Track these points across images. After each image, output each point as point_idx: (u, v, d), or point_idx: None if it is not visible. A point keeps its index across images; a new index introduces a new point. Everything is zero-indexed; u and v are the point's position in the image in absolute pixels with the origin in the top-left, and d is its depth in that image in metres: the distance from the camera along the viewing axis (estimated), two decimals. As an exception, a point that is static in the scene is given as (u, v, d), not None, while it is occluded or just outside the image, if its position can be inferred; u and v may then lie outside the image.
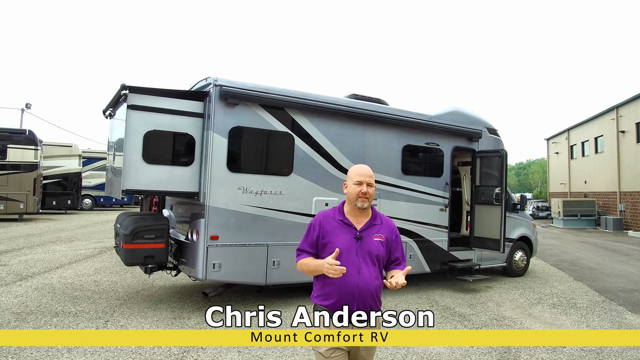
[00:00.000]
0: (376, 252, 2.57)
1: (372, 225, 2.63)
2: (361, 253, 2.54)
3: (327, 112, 6.71)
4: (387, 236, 2.63)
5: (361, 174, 2.62)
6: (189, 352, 4.69)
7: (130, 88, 5.56)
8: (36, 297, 6.58)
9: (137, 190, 5.82)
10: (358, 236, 2.57)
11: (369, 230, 2.61)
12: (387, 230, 2.65)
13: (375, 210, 2.70)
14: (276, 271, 6.26)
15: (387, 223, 2.69)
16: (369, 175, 2.62)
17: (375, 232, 2.60)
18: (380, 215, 2.71)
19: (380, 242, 2.59)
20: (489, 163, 8.49)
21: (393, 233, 2.67)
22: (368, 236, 2.58)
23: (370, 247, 2.56)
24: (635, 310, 7.05)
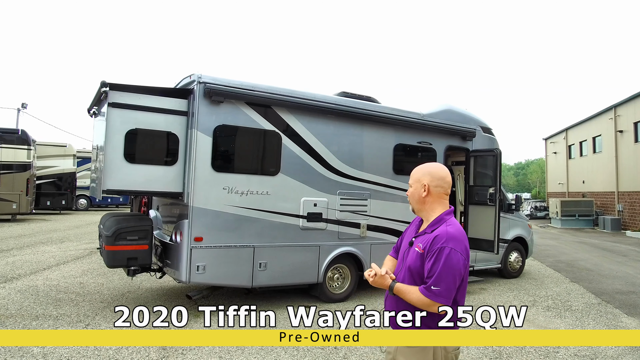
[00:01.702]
0: (410, 264, 2.26)
1: (423, 233, 2.30)
2: (405, 263, 2.34)
3: (315, 110, 6.56)
4: (424, 247, 2.20)
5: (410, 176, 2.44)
6: (168, 357, 4.55)
7: (111, 85, 5.40)
8: (18, 300, 6.43)
9: (118, 190, 5.66)
10: (410, 242, 2.36)
11: (419, 238, 2.32)
12: (428, 240, 2.21)
13: (442, 218, 2.28)
14: (263, 273, 6.11)
15: (435, 233, 2.21)
16: (411, 176, 2.40)
17: (420, 242, 2.27)
18: (441, 224, 2.24)
19: (417, 253, 2.22)
20: (483, 162, 8.34)
21: (432, 245, 2.16)
22: (415, 245, 2.30)
23: (410, 257, 2.29)
24: (631, 313, 6.91)
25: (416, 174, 2.37)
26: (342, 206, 6.80)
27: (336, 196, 6.75)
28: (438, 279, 2.08)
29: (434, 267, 2.11)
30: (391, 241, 7.35)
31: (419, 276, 2.20)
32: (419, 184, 2.33)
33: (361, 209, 7.02)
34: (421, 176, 2.33)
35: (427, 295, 2.10)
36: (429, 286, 2.10)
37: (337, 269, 6.92)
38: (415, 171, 2.39)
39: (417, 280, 2.21)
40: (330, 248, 6.69)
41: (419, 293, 2.13)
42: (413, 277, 2.22)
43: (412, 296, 2.15)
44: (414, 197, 2.36)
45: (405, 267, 2.29)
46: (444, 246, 2.11)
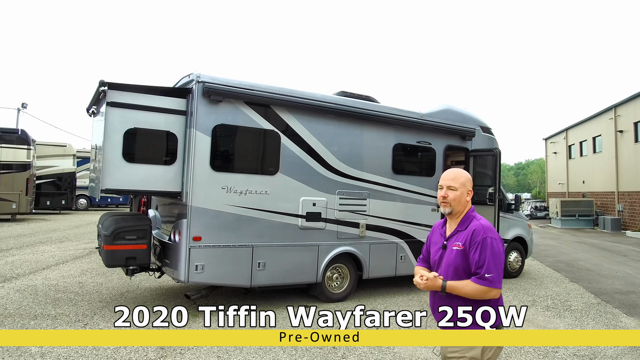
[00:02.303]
0: (454, 264, 2.35)
1: (456, 232, 2.42)
2: (443, 265, 2.41)
3: (314, 109, 6.55)
4: (464, 243, 2.34)
5: (443, 177, 2.50)
6: (166, 357, 4.54)
7: (110, 84, 5.40)
8: (17, 299, 6.43)
9: (117, 190, 5.65)
10: (443, 246, 2.45)
11: (452, 238, 2.43)
12: (466, 236, 2.35)
13: (470, 215, 2.45)
14: (262, 273, 6.10)
15: (471, 228, 2.36)
16: (451, 179, 2.46)
17: (456, 241, 2.40)
18: (472, 220, 2.41)
19: (457, 251, 2.36)
20: (483, 162, 8.34)
21: (471, 239, 2.32)
22: (450, 246, 2.41)
23: (449, 258, 2.39)
24: (630, 313, 6.90)
25: (461, 178, 2.47)
26: (341, 206, 6.80)
27: (335, 196, 6.75)
28: (489, 267, 2.25)
29: (481, 256, 2.27)
30: (390, 241, 7.34)
31: (464, 272, 2.33)
32: (464, 189, 2.45)
33: (360, 208, 7.01)
34: (466, 181, 2.47)
35: (483, 283, 2.24)
36: (483, 275, 2.24)
37: (336, 269, 6.91)
38: (459, 175, 2.47)
39: (462, 276, 2.33)
40: (329, 248, 6.68)
41: (474, 284, 2.26)
42: (459, 274, 2.34)
43: (467, 289, 2.27)
44: (461, 200, 2.44)
45: (447, 268, 2.38)
46: (485, 237, 2.30)
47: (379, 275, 7.33)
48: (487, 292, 2.25)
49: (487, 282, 2.24)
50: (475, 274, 2.27)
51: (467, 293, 2.27)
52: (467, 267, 2.32)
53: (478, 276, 2.25)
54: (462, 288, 2.28)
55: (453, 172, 2.51)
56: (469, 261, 2.31)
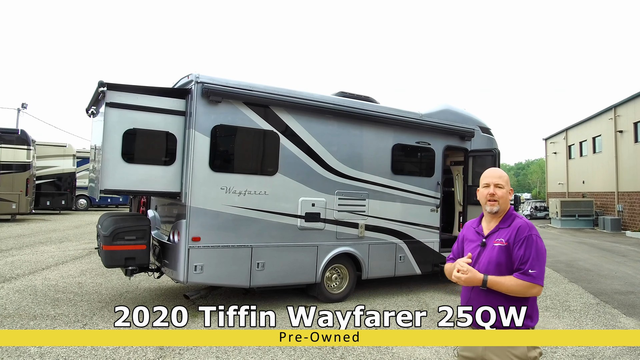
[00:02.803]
0: (496, 260, 2.33)
1: (497, 229, 2.41)
2: (483, 262, 2.38)
3: (313, 110, 6.56)
4: (508, 240, 2.34)
5: (489, 176, 2.48)
6: (165, 357, 4.54)
7: (109, 85, 5.40)
8: (16, 300, 6.43)
9: (116, 190, 5.66)
10: (482, 243, 2.43)
11: (493, 235, 2.41)
12: (510, 232, 2.35)
13: (511, 213, 2.46)
14: (261, 273, 6.11)
15: (514, 225, 2.37)
16: (498, 177, 2.46)
17: (498, 237, 2.38)
18: (514, 218, 2.43)
19: (500, 247, 2.34)
20: (482, 162, 8.33)
21: (516, 236, 2.32)
22: (490, 242, 2.40)
23: (490, 255, 2.36)
24: (629, 313, 6.90)
25: (505, 176, 2.50)
26: (340, 206, 6.80)
27: (334, 196, 6.75)
28: (533, 263, 2.25)
29: (526, 253, 2.27)
30: (390, 241, 7.34)
31: (507, 268, 2.32)
32: (508, 187, 2.48)
33: (359, 209, 7.02)
34: (508, 180, 2.50)
35: (526, 279, 2.23)
36: (526, 270, 2.24)
37: (335, 269, 6.92)
38: (504, 173, 2.50)
39: (505, 273, 2.31)
40: (328, 248, 6.69)
41: (517, 279, 2.24)
42: (501, 270, 2.32)
43: (509, 284, 2.25)
44: (507, 198, 2.45)
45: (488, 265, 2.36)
46: (530, 234, 2.31)
47: (378, 275, 7.34)
48: (529, 288, 2.24)
49: (530, 277, 2.23)
50: (518, 270, 2.26)
51: (509, 288, 2.25)
52: (509, 264, 2.32)
53: (521, 272, 2.25)
54: (504, 283, 2.25)
55: (497, 170, 2.53)
56: (513, 257, 2.31)
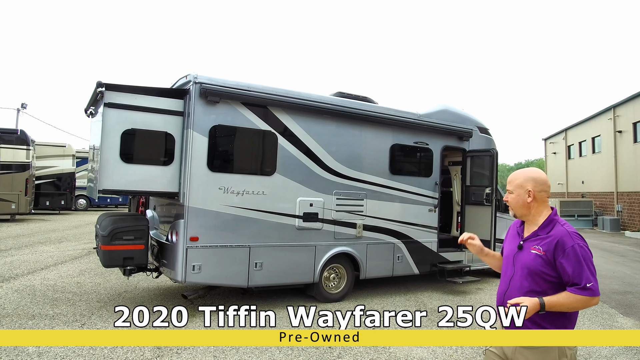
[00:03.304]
0: (531, 266, 2.31)
1: (536, 235, 2.37)
2: (518, 263, 2.37)
3: (311, 110, 6.58)
4: (546, 250, 2.28)
5: (508, 182, 2.46)
6: (162, 356, 4.56)
7: (107, 85, 5.42)
8: (15, 299, 6.45)
9: (115, 190, 5.68)
10: (519, 245, 2.41)
11: (531, 240, 2.38)
12: (549, 243, 2.28)
13: (552, 219, 2.37)
14: (259, 273, 6.12)
15: (554, 235, 2.28)
16: (509, 182, 2.44)
17: (535, 244, 2.34)
18: (555, 225, 2.33)
19: (537, 255, 2.30)
20: (480, 163, 8.35)
21: (557, 247, 2.24)
22: (528, 247, 2.37)
23: (526, 259, 2.34)
24: (627, 313, 6.92)
25: (517, 180, 2.41)
26: (338, 206, 6.82)
27: (332, 196, 6.77)
28: (588, 275, 2.17)
29: (578, 266, 2.18)
30: (388, 241, 7.36)
31: (540, 276, 2.27)
32: (522, 190, 2.38)
33: (357, 209, 7.04)
34: (523, 182, 2.38)
35: (586, 293, 2.15)
36: (584, 285, 2.16)
37: (334, 269, 6.93)
38: (515, 177, 2.42)
39: (537, 280, 2.27)
40: (326, 248, 6.71)
41: (576, 295, 2.16)
42: (533, 277, 2.29)
43: (569, 301, 2.18)
44: (518, 203, 2.40)
45: (522, 269, 2.33)
46: (575, 244, 2.21)
47: (376, 275, 7.35)
48: (589, 301, 2.18)
49: (589, 292, 2.15)
50: (574, 285, 2.18)
51: (569, 306, 2.19)
52: (544, 273, 2.26)
53: (579, 287, 2.16)
54: (563, 302, 2.18)
55: (513, 173, 2.46)
56: (560, 270, 2.24)
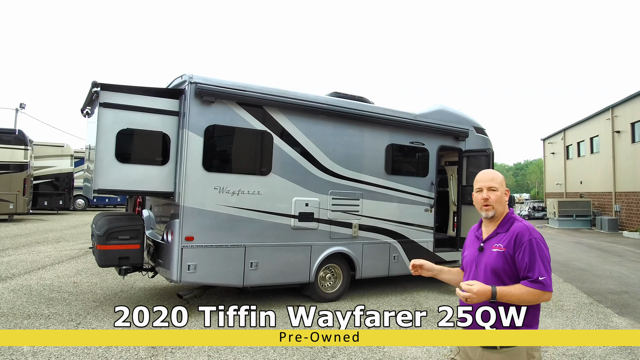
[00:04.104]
0: (492, 266, 2.23)
1: (496, 234, 2.31)
2: (481, 265, 2.29)
3: (307, 110, 6.59)
4: (506, 246, 2.22)
5: (480, 180, 2.37)
6: (157, 356, 4.57)
7: (102, 85, 5.43)
8: (11, 299, 6.45)
9: (110, 190, 5.69)
10: (479, 247, 2.35)
11: (491, 240, 2.31)
12: (509, 237, 2.23)
13: (510, 216, 2.34)
14: (254, 273, 6.13)
15: (513, 230, 2.25)
16: (491, 179, 2.34)
17: (496, 242, 2.27)
18: (513, 222, 2.30)
19: (498, 253, 2.23)
20: (476, 162, 8.36)
21: (516, 242, 2.20)
22: (488, 247, 2.29)
23: (488, 259, 2.27)
24: (622, 313, 6.93)
25: (498, 177, 2.37)
26: (333, 206, 6.83)
27: (328, 196, 6.78)
28: (540, 269, 2.13)
29: (532, 259, 2.15)
30: (383, 241, 7.37)
31: (505, 274, 2.21)
32: (503, 189, 2.36)
33: (353, 208, 7.05)
34: (503, 181, 2.37)
35: (537, 286, 2.12)
36: (536, 278, 2.12)
37: (329, 269, 6.94)
38: (497, 175, 2.38)
39: (503, 279, 2.21)
40: (321, 248, 6.72)
41: (528, 288, 2.12)
42: (499, 276, 2.22)
43: (519, 293, 2.13)
44: (502, 200, 2.33)
45: (485, 270, 2.27)
46: (531, 238, 2.18)
47: (372, 275, 7.36)
48: (541, 295, 2.14)
49: (540, 285, 2.11)
50: (526, 278, 2.15)
51: (520, 297, 2.13)
52: (508, 270, 2.21)
53: (531, 280, 2.13)
54: (513, 294, 2.13)
55: (490, 172, 2.41)
56: (516, 264, 2.20)
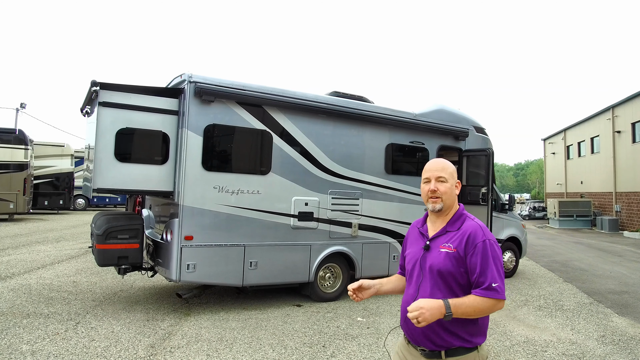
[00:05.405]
0: (440, 267, 1.99)
1: (444, 232, 2.07)
2: (426, 268, 2.04)
3: (307, 109, 6.58)
4: (457, 247, 1.98)
5: (429, 169, 2.11)
6: (156, 355, 4.56)
7: (102, 85, 5.43)
8: (10, 298, 6.45)
9: (109, 189, 5.69)
10: (425, 246, 2.09)
11: (439, 238, 2.07)
12: (460, 238, 2.00)
13: (461, 213, 2.11)
14: (253, 272, 6.13)
15: (465, 229, 2.02)
16: (441, 169, 2.08)
17: (445, 242, 2.04)
18: (464, 220, 2.08)
19: (447, 254, 1.99)
20: (476, 162, 8.36)
21: (468, 243, 1.97)
22: (436, 246, 2.05)
23: (435, 260, 2.02)
24: (622, 313, 6.91)
25: (449, 168, 2.12)
26: (333, 205, 6.82)
27: (327, 195, 6.77)
28: (494, 275, 1.91)
29: (484, 264, 1.92)
30: (383, 240, 7.37)
31: (452, 278, 1.98)
32: (454, 181, 2.11)
33: (353, 208, 7.04)
34: (453, 172, 2.13)
35: (491, 295, 1.89)
36: (489, 285, 1.90)
37: (329, 268, 6.94)
38: (447, 165, 2.13)
39: (450, 282, 1.99)
40: (321, 247, 6.71)
41: (481, 298, 1.90)
42: (445, 280, 1.99)
43: (475, 304, 1.90)
44: (452, 193, 2.10)
45: (431, 273, 2.02)
46: (485, 239, 1.97)
47: (372, 274, 7.33)
48: (495, 304, 1.91)
49: (494, 292, 1.89)
50: (479, 285, 1.92)
51: (475, 308, 1.89)
52: (456, 273, 1.97)
53: (483, 287, 1.90)
54: (468, 304, 1.89)
55: (439, 161, 2.14)
56: (468, 268, 1.96)
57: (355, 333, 5.44)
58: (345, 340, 5.19)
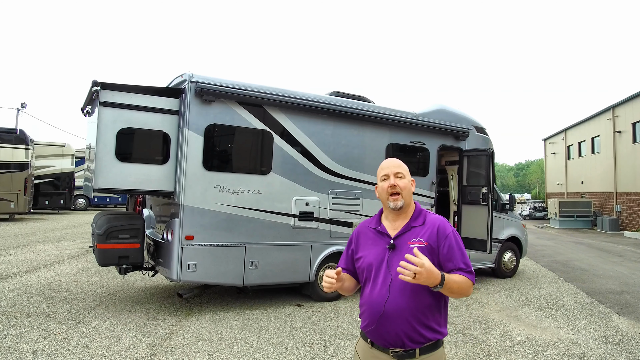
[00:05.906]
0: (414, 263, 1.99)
1: (409, 228, 2.08)
2: (396, 265, 1.96)
3: (307, 109, 6.58)
4: (428, 239, 2.02)
5: (386, 166, 2.14)
6: (157, 355, 4.57)
7: (103, 84, 5.43)
8: (11, 298, 6.46)
9: (110, 189, 5.69)
10: (390, 245, 2.06)
11: (405, 235, 2.07)
12: (429, 231, 2.04)
13: (420, 209, 2.15)
14: (254, 272, 6.13)
15: (431, 223, 2.07)
16: (397, 165, 2.13)
17: (413, 237, 2.04)
18: (426, 215, 2.13)
19: (421, 248, 1.98)
20: (476, 162, 8.35)
21: (439, 234, 2.03)
22: (403, 244, 2.04)
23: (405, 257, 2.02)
24: (623, 313, 6.91)
25: (404, 165, 2.18)
26: (334, 205, 6.83)
27: (328, 195, 6.78)
28: (467, 261, 2.04)
29: (456, 252, 2.03)
30: (383, 240, 7.35)
31: None
32: (409, 178, 2.15)
33: (353, 208, 7.04)
34: (407, 171, 2.17)
35: (471, 278, 2.03)
36: (470, 270, 2.02)
37: (329, 268, 6.91)
38: (401, 163, 2.18)
39: None
40: (322, 247, 6.71)
41: (465, 278, 2.00)
42: None
43: (460, 281, 1.98)
44: (410, 190, 2.13)
45: None
46: (452, 230, 2.08)
47: (372, 274, 7.35)
48: (470, 287, 2.03)
49: (472, 276, 2.02)
50: (460, 269, 2.01)
51: (460, 287, 1.97)
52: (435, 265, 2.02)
53: (465, 270, 2.01)
54: (456, 280, 1.96)
55: (394, 159, 2.20)
56: (441, 258, 2.03)
57: (356, 333, 5.44)
58: (346, 339, 5.20)
